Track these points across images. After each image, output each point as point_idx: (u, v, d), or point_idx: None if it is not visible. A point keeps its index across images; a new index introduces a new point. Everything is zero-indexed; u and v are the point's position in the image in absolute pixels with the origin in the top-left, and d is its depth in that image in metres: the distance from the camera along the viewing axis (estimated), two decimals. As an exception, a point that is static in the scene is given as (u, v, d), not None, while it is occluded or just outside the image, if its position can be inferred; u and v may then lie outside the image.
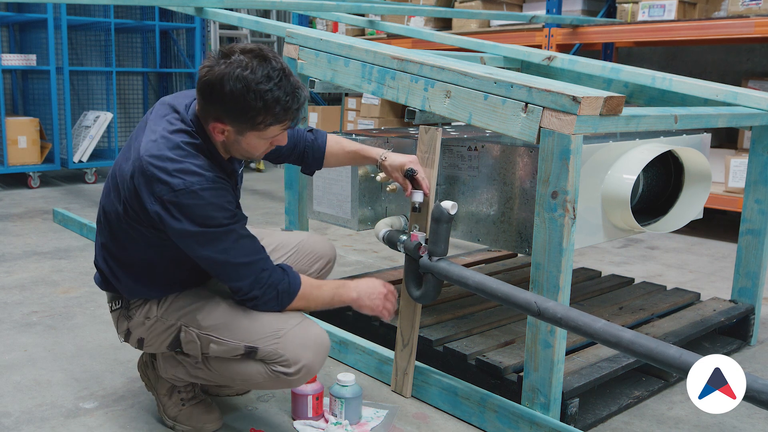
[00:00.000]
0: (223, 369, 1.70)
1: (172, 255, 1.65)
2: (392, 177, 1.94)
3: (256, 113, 1.51)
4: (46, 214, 4.62)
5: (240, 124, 1.54)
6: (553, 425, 1.74)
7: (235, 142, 1.60)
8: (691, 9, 4.52)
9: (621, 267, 3.61)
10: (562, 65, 2.94)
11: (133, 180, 1.55)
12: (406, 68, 1.99)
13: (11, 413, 1.94)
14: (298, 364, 1.63)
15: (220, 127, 1.56)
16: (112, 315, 1.79)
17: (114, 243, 1.69)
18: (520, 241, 1.99)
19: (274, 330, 1.63)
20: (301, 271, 1.93)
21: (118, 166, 1.63)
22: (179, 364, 1.78)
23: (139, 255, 1.67)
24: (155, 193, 1.52)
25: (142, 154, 1.54)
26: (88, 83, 6.79)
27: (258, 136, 1.58)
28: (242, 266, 1.60)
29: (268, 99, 1.50)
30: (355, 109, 6.35)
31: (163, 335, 1.72)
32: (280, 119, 1.55)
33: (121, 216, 1.62)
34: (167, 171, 1.51)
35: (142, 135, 1.60)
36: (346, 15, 4.60)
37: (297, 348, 1.62)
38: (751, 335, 2.54)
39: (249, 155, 1.66)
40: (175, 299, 1.71)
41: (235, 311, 1.67)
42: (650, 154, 1.99)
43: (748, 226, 2.46)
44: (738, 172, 4.05)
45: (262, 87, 1.48)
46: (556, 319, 1.52)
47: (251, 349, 1.63)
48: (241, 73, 1.47)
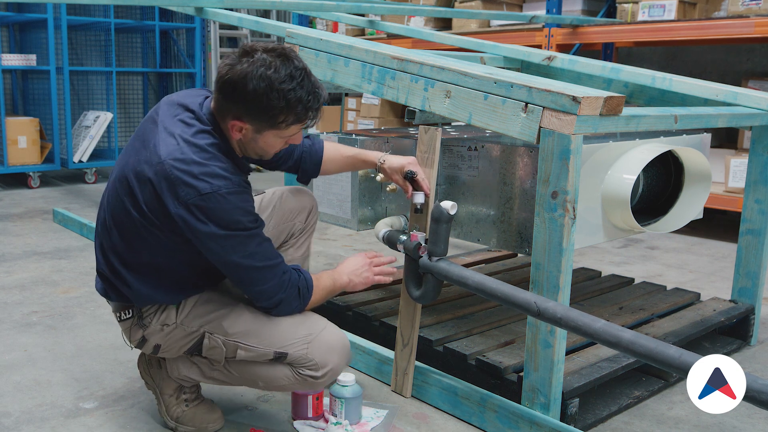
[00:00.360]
0: (244, 372, 1.71)
1: (187, 259, 1.64)
2: (392, 179, 1.93)
3: (278, 112, 1.51)
4: (46, 214, 4.62)
5: (260, 122, 1.54)
6: (553, 425, 1.74)
7: (251, 141, 1.60)
8: (691, 9, 4.52)
9: (621, 267, 3.61)
10: (562, 65, 2.94)
11: (154, 185, 1.51)
12: (406, 68, 1.99)
13: (11, 413, 1.94)
14: (326, 367, 1.65)
15: (238, 125, 1.55)
16: (121, 325, 1.74)
17: (125, 248, 1.64)
18: (520, 241, 1.99)
19: (304, 335, 1.65)
20: (288, 228, 1.96)
21: (131, 168, 1.57)
22: (193, 365, 1.78)
23: (152, 259, 1.63)
24: (180, 197, 1.49)
25: (165, 158, 1.50)
26: (88, 83, 6.79)
27: (276, 135, 1.59)
28: (267, 269, 1.60)
29: (291, 98, 1.50)
30: (355, 109, 6.35)
31: (183, 341, 1.70)
32: (301, 118, 1.55)
33: (136, 220, 1.57)
34: (193, 174, 1.49)
35: (153, 137, 1.56)
36: (346, 15, 4.59)
37: (325, 352, 1.65)
38: (751, 335, 2.54)
39: (264, 154, 1.66)
40: (195, 305, 1.69)
41: (260, 318, 1.68)
42: (650, 154, 1.99)
43: (748, 226, 2.46)
44: (738, 172, 4.05)
45: (285, 86, 1.48)
46: (556, 319, 1.52)
47: (281, 355, 1.64)
48: (264, 72, 1.47)
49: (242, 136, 1.59)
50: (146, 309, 1.70)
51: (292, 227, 1.99)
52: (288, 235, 1.99)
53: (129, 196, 1.58)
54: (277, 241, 1.97)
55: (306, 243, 2.04)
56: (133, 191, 1.56)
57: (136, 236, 1.61)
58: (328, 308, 2.39)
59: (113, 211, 1.63)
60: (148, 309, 1.70)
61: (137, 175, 1.56)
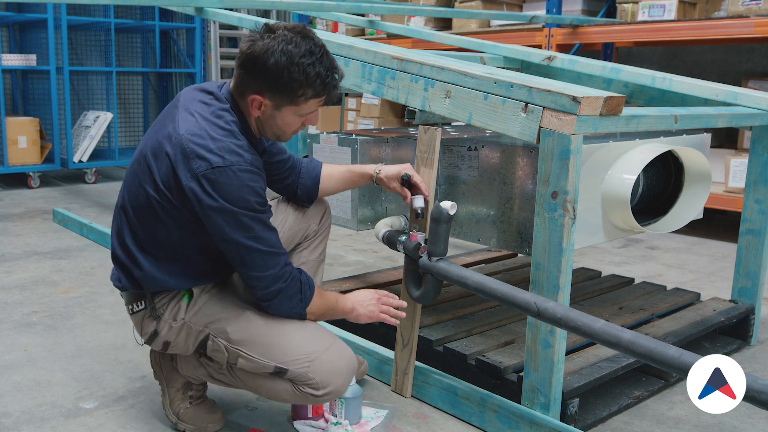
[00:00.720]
0: (248, 380, 1.71)
1: (199, 242, 1.64)
2: (390, 188, 1.93)
3: (298, 86, 1.55)
4: (46, 214, 4.62)
5: (280, 97, 1.58)
6: (553, 425, 1.74)
7: (270, 118, 1.63)
8: (691, 9, 4.52)
9: (621, 267, 3.61)
10: (562, 65, 2.94)
11: (170, 158, 1.55)
12: (406, 68, 1.99)
13: (11, 413, 1.94)
14: (327, 388, 1.63)
15: (258, 100, 1.59)
16: (133, 318, 1.74)
17: (140, 227, 1.65)
18: (520, 241, 1.99)
19: (306, 352, 1.63)
20: (303, 230, 1.97)
21: (149, 147, 1.61)
22: (201, 366, 1.78)
23: (165, 240, 1.64)
24: (192, 170, 1.52)
25: (183, 133, 1.55)
26: (88, 83, 6.79)
27: (294, 112, 1.61)
28: (269, 255, 1.58)
29: (310, 73, 1.54)
30: (355, 109, 6.35)
31: (190, 339, 1.70)
32: (319, 93, 1.59)
33: (151, 198, 1.60)
34: (208, 148, 1.52)
35: (173, 117, 1.60)
36: (346, 15, 4.59)
37: (328, 373, 1.63)
38: (751, 335, 2.54)
39: (281, 134, 1.68)
40: (204, 304, 1.69)
41: (266, 328, 1.66)
42: (650, 154, 1.99)
43: (748, 226, 2.46)
44: (738, 172, 4.05)
45: (305, 60, 1.53)
46: (555, 319, 1.52)
47: (281, 370, 1.63)
48: (285, 47, 1.52)
49: (261, 114, 1.62)
50: (158, 299, 1.70)
51: (307, 228, 1.99)
52: (303, 236, 1.99)
53: (146, 174, 1.61)
54: (293, 243, 1.98)
55: (321, 246, 2.04)
56: (150, 169, 1.60)
57: (150, 215, 1.63)
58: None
59: (130, 191, 1.66)
60: (160, 299, 1.70)
61: (155, 151, 1.59)
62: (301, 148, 2.65)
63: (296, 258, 1.99)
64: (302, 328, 1.68)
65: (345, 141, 2.33)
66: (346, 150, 2.33)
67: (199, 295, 1.70)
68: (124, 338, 2.48)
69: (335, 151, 2.38)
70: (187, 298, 1.70)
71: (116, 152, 6.23)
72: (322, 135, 2.44)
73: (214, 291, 1.72)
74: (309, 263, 1.99)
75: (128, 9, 6.81)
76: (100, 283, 3.13)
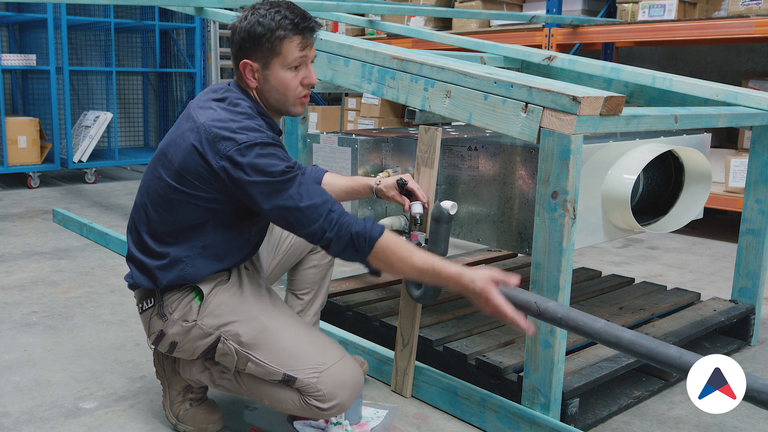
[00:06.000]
0: (253, 387, 1.70)
1: (211, 231, 1.67)
2: (390, 198, 1.93)
3: (270, 32, 1.63)
4: (46, 214, 4.62)
5: (261, 52, 1.65)
6: (553, 425, 1.74)
7: (266, 82, 1.68)
8: (691, 9, 4.52)
9: (621, 267, 3.61)
10: (562, 65, 2.94)
11: (196, 147, 1.59)
12: (406, 68, 1.99)
13: (11, 413, 1.94)
14: (333, 401, 1.63)
15: (248, 65, 1.66)
16: (142, 317, 1.75)
17: (155, 216, 1.67)
18: (520, 241, 1.99)
19: (317, 363, 1.63)
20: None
21: (167, 143, 1.68)
22: (206, 370, 1.77)
23: (179, 226, 1.66)
24: (220, 151, 1.57)
25: (204, 121, 1.61)
26: (88, 83, 6.79)
27: (281, 64, 1.66)
28: (310, 209, 1.58)
29: (277, 17, 1.63)
30: (355, 109, 6.35)
31: (199, 342, 1.69)
32: (291, 32, 1.64)
33: (168, 185, 1.64)
34: (231, 129, 1.58)
35: (190, 117, 1.66)
36: (346, 15, 4.59)
37: (335, 386, 1.63)
38: (752, 335, 2.54)
39: (283, 98, 1.70)
40: (217, 306, 1.69)
41: (279, 334, 1.66)
42: (650, 154, 1.99)
43: (748, 226, 2.46)
44: (738, 172, 4.05)
45: (272, 11, 1.65)
46: (556, 319, 1.52)
47: (289, 378, 1.63)
48: (257, 11, 1.66)
49: (257, 82, 1.68)
50: (168, 297, 1.70)
51: None
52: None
53: (163, 164, 1.66)
54: (305, 250, 2.03)
55: None
56: (168, 158, 1.65)
57: (165, 203, 1.66)
58: (328, 308, 2.39)
59: (147, 186, 1.71)
60: (170, 296, 1.70)
61: (175, 144, 1.65)
62: (301, 148, 2.65)
63: (308, 260, 2.04)
64: (314, 339, 1.70)
65: (345, 141, 2.33)
66: (346, 150, 2.33)
67: (210, 296, 1.69)
68: (124, 338, 2.48)
69: (335, 151, 2.38)
70: (199, 300, 1.69)
71: (116, 152, 6.23)
72: (322, 135, 2.44)
73: (226, 294, 1.71)
74: (321, 266, 2.05)
75: (128, 9, 6.81)
76: (100, 283, 3.13)
